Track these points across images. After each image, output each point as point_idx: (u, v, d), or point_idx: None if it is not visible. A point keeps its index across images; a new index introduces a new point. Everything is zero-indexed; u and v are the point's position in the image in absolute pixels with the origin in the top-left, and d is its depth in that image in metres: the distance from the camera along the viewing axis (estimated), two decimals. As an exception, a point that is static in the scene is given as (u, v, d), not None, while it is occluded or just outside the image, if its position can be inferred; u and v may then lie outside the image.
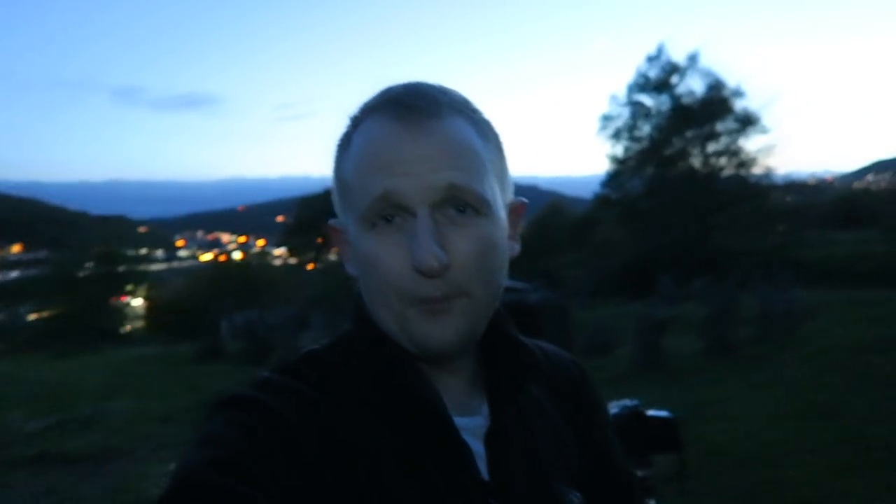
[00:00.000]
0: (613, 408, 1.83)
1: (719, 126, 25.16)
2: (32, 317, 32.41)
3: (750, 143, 24.67)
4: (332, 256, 32.95)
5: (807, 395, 6.21)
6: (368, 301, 0.64)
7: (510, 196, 0.67)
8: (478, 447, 0.63)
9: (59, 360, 18.13)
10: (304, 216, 33.38)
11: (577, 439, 0.73)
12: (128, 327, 30.67)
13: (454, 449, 0.61)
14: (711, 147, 25.46)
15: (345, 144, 0.64)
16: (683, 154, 26.06)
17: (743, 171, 24.79)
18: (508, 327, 0.69)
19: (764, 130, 24.18)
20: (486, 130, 0.64)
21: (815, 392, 6.27)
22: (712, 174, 25.13)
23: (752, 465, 4.54)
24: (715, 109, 24.91)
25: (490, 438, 0.64)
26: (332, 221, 0.68)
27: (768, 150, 24.30)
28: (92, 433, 7.47)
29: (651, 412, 1.78)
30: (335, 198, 0.66)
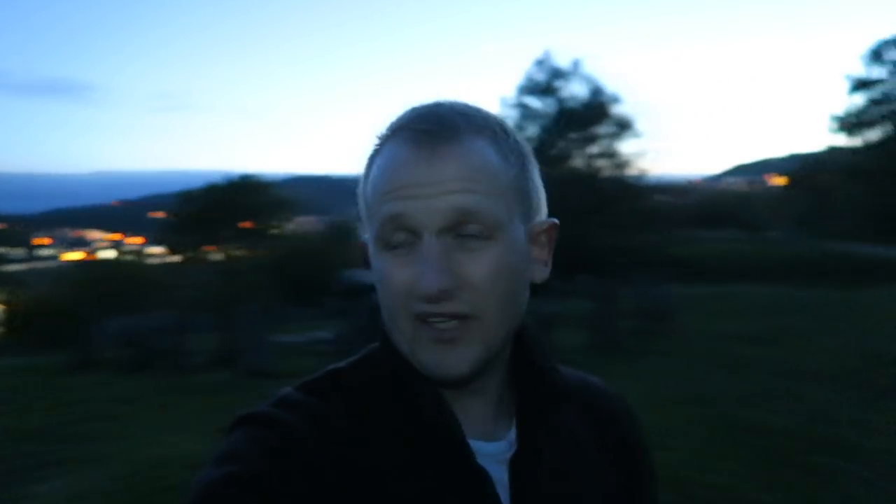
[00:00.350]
0: None
1: (599, 130, 26.55)
2: None
3: (626, 147, 26.28)
4: (218, 255, 31.56)
5: (685, 383, 6.69)
6: (384, 321, 0.63)
7: (540, 216, 0.66)
8: (501, 474, 0.62)
9: None
10: (186, 212, 31.66)
11: (615, 476, 0.71)
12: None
13: (471, 475, 0.60)
14: (592, 149, 26.82)
15: (369, 165, 0.64)
16: (567, 155, 27.22)
17: (620, 173, 26.36)
18: (538, 352, 0.68)
19: (638, 135, 25.87)
20: (508, 151, 0.63)
21: (693, 380, 6.76)
22: (593, 175, 26.46)
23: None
24: (595, 114, 26.25)
25: (514, 464, 0.63)
26: (361, 238, 0.68)
27: (642, 153, 26.04)
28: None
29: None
30: (361, 216, 0.66)
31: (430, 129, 0.60)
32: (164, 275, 27.67)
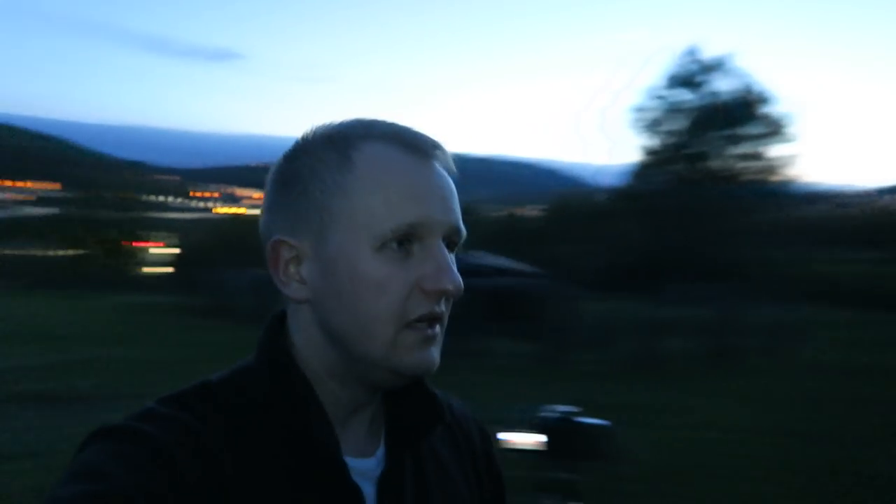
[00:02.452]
0: (549, 412, 1.91)
1: (744, 130, 24.76)
2: (46, 253, 32.93)
3: (773, 151, 24.30)
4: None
5: (785, 413, 6.23)
6: (353, 326, 0.60)
7: None
8: (370, 490, 0.63)
9: (71, 300, 18.47)
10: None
11: (475, 492, 0.74)
12: (139, 271, 31.09)
13: (346, 493, 0.61)
14: (735, 150, 25.09)
15: (339, 164, 0.61)
16: (705, 155, 25.69)
17: (762, 178, 24.47)
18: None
19: (789, 139, 23.81)
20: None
21: (794, 411, 6.28)
22: (732, 178, 24.79)
23: (695, 478, 4.37)
24: (742, 113, 24.49)
25: (382, 482, 0.64)
26: (282, 237, 0.62)
27: (791, 159, 23.95)
28: (95, 375, 7.68)
29: (586, 420, 1.87)
30: (305, 213, 0.61)
31: (425, 142, 0.62)
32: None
